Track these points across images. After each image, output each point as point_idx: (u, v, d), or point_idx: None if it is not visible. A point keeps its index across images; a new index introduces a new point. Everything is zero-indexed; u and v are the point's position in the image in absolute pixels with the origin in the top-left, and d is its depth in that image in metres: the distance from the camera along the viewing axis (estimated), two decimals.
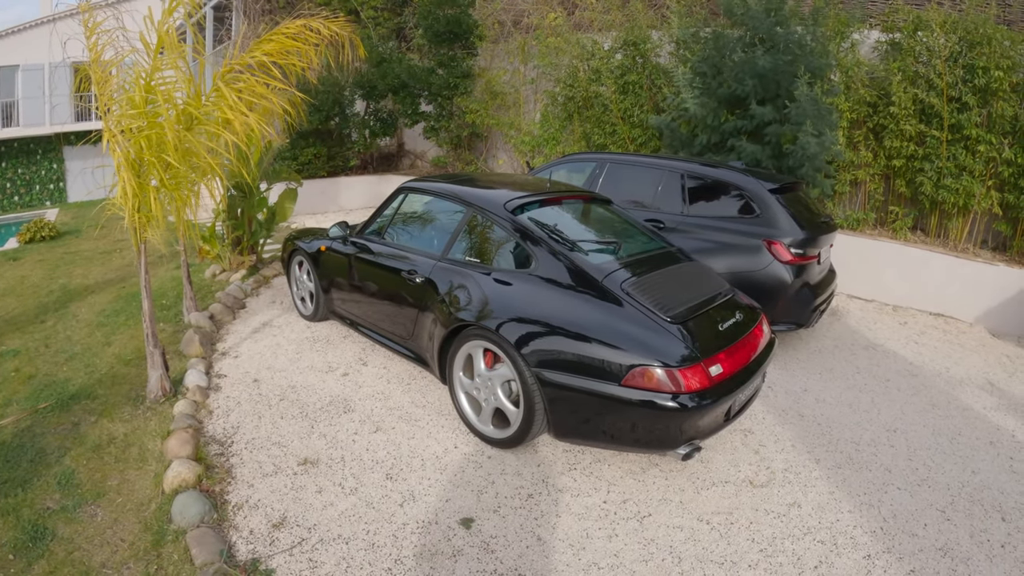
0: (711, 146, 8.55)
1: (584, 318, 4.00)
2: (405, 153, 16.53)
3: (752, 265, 5.99)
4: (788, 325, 6.09)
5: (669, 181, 6.75)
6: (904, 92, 8.31)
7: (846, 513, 3.95)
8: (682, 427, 3.71)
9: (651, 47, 10.60)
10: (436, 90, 13.52)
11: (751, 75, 7.78)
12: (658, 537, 3.66)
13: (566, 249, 4.43)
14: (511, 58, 13.29)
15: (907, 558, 3.58)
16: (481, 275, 4.61)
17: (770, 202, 6.09)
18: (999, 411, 5.49)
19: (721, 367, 3.87)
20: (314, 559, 3.42)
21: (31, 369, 5.85)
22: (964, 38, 8.06)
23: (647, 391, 3.69)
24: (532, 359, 4.03)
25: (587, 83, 11.18)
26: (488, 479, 4.16)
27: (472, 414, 4.66)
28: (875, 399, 5.57)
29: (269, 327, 6.88)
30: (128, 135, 4.74)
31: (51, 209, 21.07)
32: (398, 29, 15.17)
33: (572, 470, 4.28)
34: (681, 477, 4.24)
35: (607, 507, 3.91)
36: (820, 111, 7.36)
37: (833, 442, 4.80)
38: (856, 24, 8.82)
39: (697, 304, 4.23)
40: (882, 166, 8.89)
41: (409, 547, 3.52)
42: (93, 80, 4.88)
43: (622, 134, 10.88)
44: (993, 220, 8.46)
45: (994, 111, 7.97)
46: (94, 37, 4.82)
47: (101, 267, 9.90)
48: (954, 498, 4.18)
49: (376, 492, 4.00)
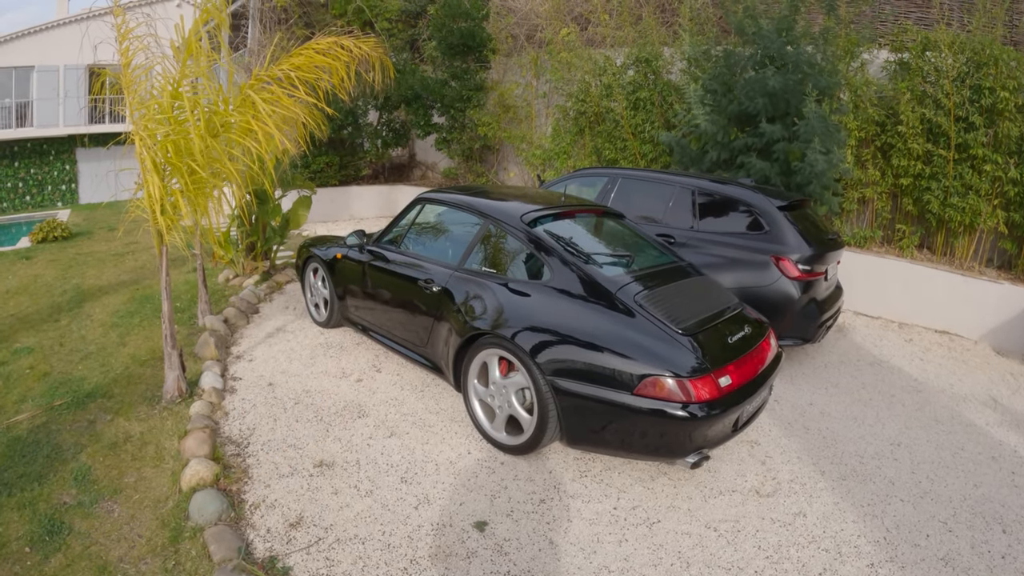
0: (721, 163, 8.63)
1: (597, 328, 4.09)
2: (416, 164, 16.62)
3: (760, 280, 6.07)
4: (795, 340, 6.16)
5: (680, 197, 6.84)
6: (912, 111, 8.38)
7: (850, 523, 4.03)
8: (691, 436, 3.81)
9: (663, 64, 10.70)
10: (448, 102, 13.58)
11: (761, 93, 7.87)
12: (667, 543, 3.74)
13: (580, 261, 4.53)
14: (523, 72, 13.37)
15: (909, 567, 3.65)
16: (497, 285, 4.70)
17: (778, 219, 6.17)
18: (1002, 427, 5.56)
19: (730, 379, 3.96)
20: (331, 558, 3.50)
21: (46, 367, 5.94)
22: (971, 59, 8.14)
23: (658, 400, 3.78)
24: (547, 368, 4.13)
25: (599, 98, 11.27)
26: (501, 484, 4.25)
27: (486, 421, 4.75)
28: (880, 414, 5.64)
29: (283, 332, 6.97)
30: (154, 140, 4.83)
31: (63, 210, 21.14)
32: (411, 41, 15.27)
33: (583, 477, 4.36)
34: (689, 485, 4.32)
35: (617, 513, 3.99)
36: (828, 129, 7.44)
37: (838, 455, 4.88)
38: (865, 44, 8.91)
39: (707, 317, 4.33)
40: (889, 184, 8.96)
41: (424, 548, 3.61)
42: (123, 84, 4.96)
43: (633, 149, 10.96)
44: (999, 239, 8.51)
45: (1000, 131, 8.04)
46: (126, 43, 4.91)
47: (114, 268, 10.00)
48: (956, 510, 4.25)
49: (391, 495, 4.09)
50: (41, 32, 26.09)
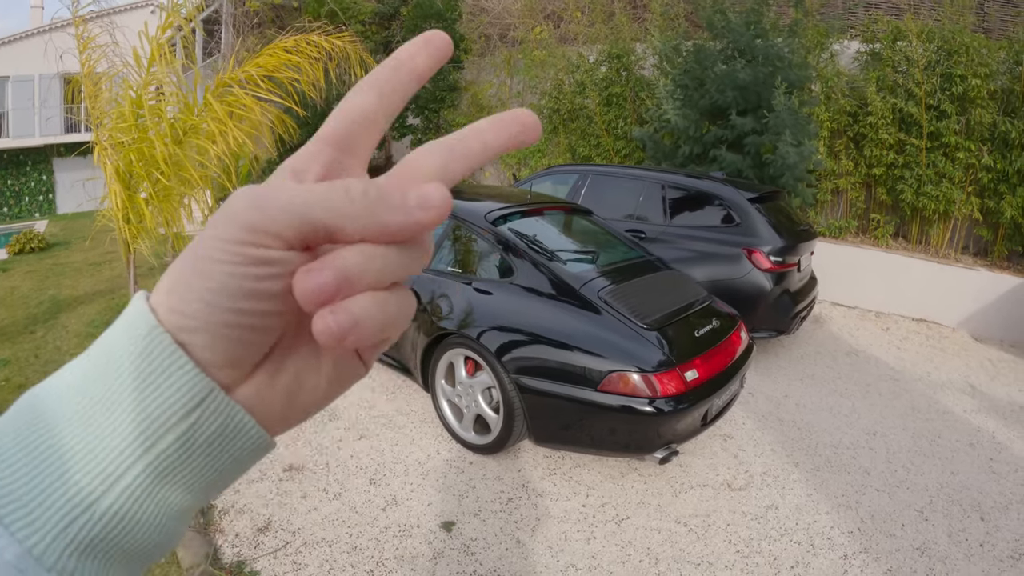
0: (694, 157, 8.63)
1: (562, 326, 4.07)
2: (393, 166, 16.53)
3: (732, 273, 6.06)
4: (769, 332, 6.16)
5: (650, 192, 6.82)
6: (882, 101, 8.42)
7: (823, 515, 4.02)
8: (659, 431, 3.79)
9: (635, 59, 10.73)
10: (422, 103, 13.53)
11: (732, 86, 7.88)
12: (636, 539, 3.72)
13: (545, 259, 4.50)
14: (497, 71, 13.36)
15: (884, 558, 3.65)
16: (462, 285, 4.68)
17: (749, 211, 6.16)
18: (980, 413, 5.58)
19: (697, 372, 3.94)
20: (298, 561, 3.47)
21: (20, 379, 5.88)
22: (942, 47, 8.19)
23: (624, 396, 3.76)
24: (511, 366, 4.11)
25: (572, 96, 11.28)
26: (469, 484, 4.22)
27: (454, 421, 4.72)
28: (856, 404, 5.64)
29: None
30: (118, 148, 4.79)
31: (40, 221, 21.02)
32: (386, 43, 15.22)
33: (552, 475, 4.34)
34: (660, 481, 4.30)
35: (586, 511, 3.97)
36: (798, 121, 7.45)
37: (813, 446, 4.87)
38: (835, 35, 8.94)
39: (673, 311, 4.31)
40: (863, 174, 8.99)
41: (390, 550, 3.58)
42: (85, 93, 4.93)
43: (607, 146, 10.98)
44: (974, 225, 8.56)
45: (972, 118, 8.10)
46: (87, 51, 4.87)
47: (90, 279, 9.94)
48: (933, 499, 4.26)
49: (360, 497, 4.06)
50: (15, 42, 25.88)
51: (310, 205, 0.34)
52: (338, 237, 0.35)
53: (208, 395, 0.35)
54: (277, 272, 0.34)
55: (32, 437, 0.35)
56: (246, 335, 0.35)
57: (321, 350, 0.40)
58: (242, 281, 0.34)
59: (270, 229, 0.33)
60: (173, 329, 0.35)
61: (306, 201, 0.34)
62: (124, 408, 0.35)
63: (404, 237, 0.36)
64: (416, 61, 0.41)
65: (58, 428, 0.35)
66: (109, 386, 0.35)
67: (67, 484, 0.34)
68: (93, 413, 0.35)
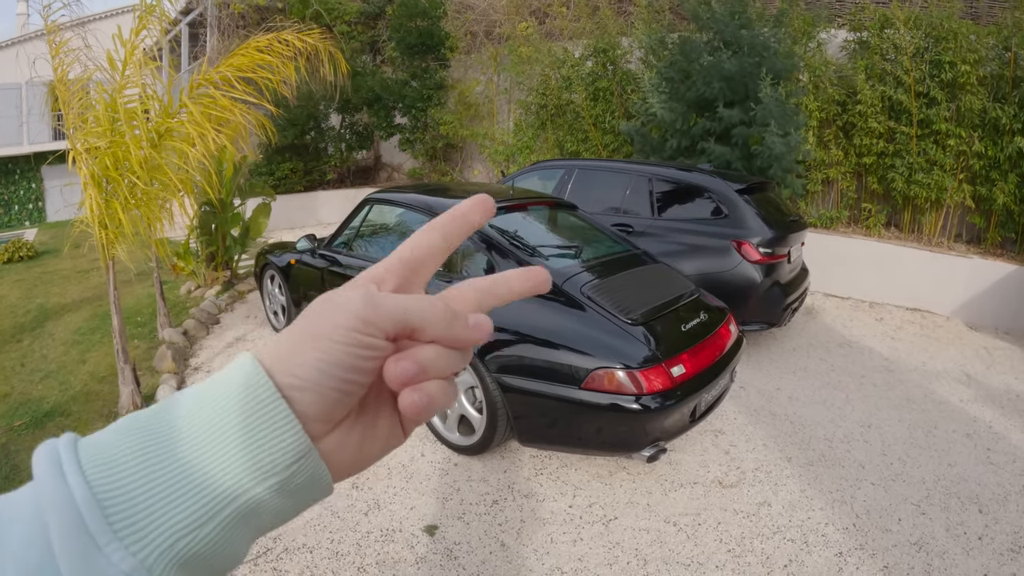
0: (682, 150, 8.56)
1: (545, 323, 3.99)
2: (382, 166, 16.50)
3: (721, 266, 5.98)
4: (760, 325, 6.09)
5: (636, 185, 6.74)
6: (871, 89, 8.35)
7: (817, 511, 3.94)
8: (646, 428, 3.70)
9: (621, 53, 10.67)
10: (410, 102, 13.50)
11: (718, 78, 7.81)
12: (624, 540, 3.64)
13: (526, 254, 4.43)
14: (484, 69, 13.28)
15: (880, 554, 3.57)
16: (443, 283, 4.59)
17: (738, 203, 6.09)
18: (976, 403, 5.50)
19: (684, 367, 3.86)
20: (279, 568, 3.41)
21: (6, 388, 5.88)
22: (930, 34, 8.12)
23: (609, 393, 3.68)
24: (493, 365, 4.04)
25: (559, 91, 11.23)
26: (454, 486, 4.14)
27: (438, 422, 4.64)
28: (849, 396, 5.57)
29: (243, 341, 6.84)
30: (94, 153, 4.72)
31: (30, 229, 20.94)
32: (372, 43, 15.16)
33: (539, 475, 4.26)
34: (649, 479, 4.22)
35: (572, 511, 3.89)
36: (785, 112, 7.39)
37: (806, 440, 4.79)
38: (822, 24, 8.89)
39: (659, 305, 4.23)
40: (853, 164, 8.93)
41: (372, 555, 3.50)
42: (60, 99, 4.88)
43: (594, 141, 10.92)
44: (967, 213, 8.50)
45: (963, 105, 8.03)
46: (59, 56, 4.82)
47: (78, 286, 9.88)
48: (930, 492, 4.18)
49: (342, 501, 3.98)
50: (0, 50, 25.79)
51: (410, 312, 0.45)
52: (417, 336, 0.47)
53: (307, 453, 0.43)
54: (376, 355, 0.45)
55: (150, 455, 0.41)
56: (343, 398, 0.45)
57: (377, 418, 0.50)
58: (353, 359, 0.44)
59: (379, 324, 0.44)
60: (284, 387, 0.43)
61: (407, 308, 0.45)
62: (235, 450, 0.42)
63: (462, 346, 0.49)
64: (470, 216, 0.54)
65: (177, 453, 0.41)
66: (224, 429, 0.42)
67: (179, 508, 0.40)
68: (206, 448, 0.42)
